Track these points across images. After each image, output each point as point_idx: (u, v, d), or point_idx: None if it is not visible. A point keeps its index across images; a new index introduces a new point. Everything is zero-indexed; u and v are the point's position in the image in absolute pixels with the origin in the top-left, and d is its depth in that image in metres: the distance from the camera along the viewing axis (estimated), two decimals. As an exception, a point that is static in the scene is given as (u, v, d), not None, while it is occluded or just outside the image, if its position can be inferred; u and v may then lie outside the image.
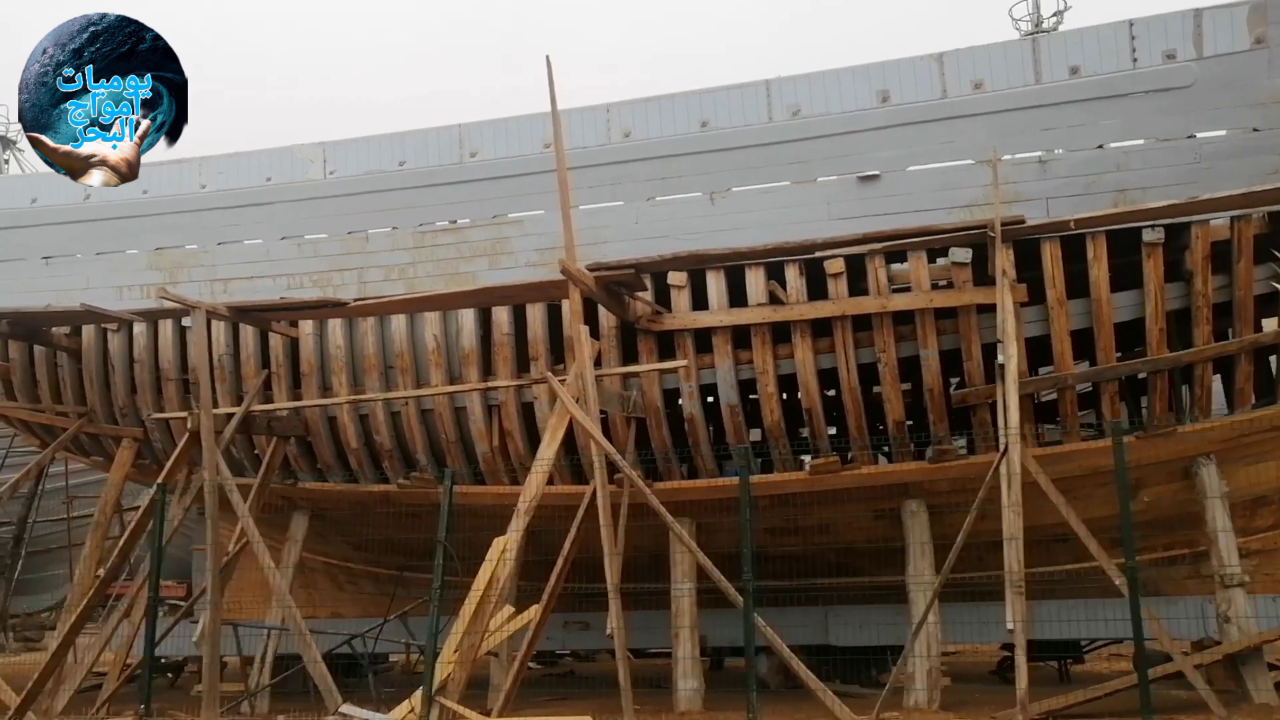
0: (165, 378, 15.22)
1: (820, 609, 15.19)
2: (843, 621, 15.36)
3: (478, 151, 14.22)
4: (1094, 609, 13.76)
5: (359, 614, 17.41)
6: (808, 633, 15.38)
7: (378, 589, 17.88)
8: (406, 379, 14.18)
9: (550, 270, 13.59)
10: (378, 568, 17.24)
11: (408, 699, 11.75)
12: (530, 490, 12.01)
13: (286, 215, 14.88)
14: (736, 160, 13.14)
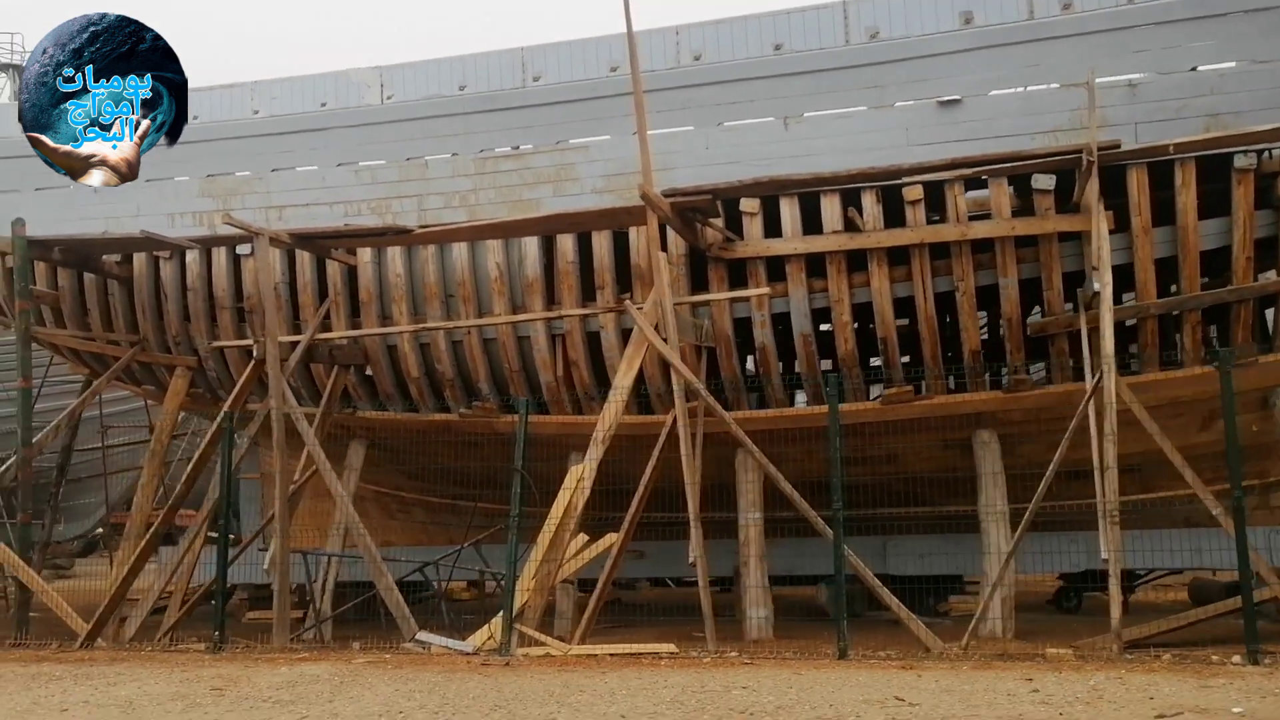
0: (220, 306, 15.03)
1: (879, 539, 15.19)
2: (901, 551, 15.37)
3: (541, 75, 13.90)
4: (1156, 540, 13.74)
5: (409, 542, 17.42)
6: (866, 562, 15.39)
7: (430, 517, 17.88)
8: (468, 308, 13.99)
9: (617, 197, 13.37)
10: (430, 496, 17.21)
11: (486, 625, 11.74)
12: (607, 419, 11.89)
13: (343, 141, 14.58)
14: (811, 84, 12.83)
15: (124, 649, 12.54)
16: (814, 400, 13.42)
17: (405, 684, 9.51)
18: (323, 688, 9.44)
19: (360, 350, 14.49)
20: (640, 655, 10.82)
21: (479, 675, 9.95)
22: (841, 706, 7.98)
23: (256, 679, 9.97)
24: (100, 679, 10.21)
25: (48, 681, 10.20)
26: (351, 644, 12.13)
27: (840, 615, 10.73)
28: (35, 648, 12.89)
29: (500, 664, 10.62)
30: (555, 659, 10.77)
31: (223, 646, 12.00)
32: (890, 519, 14.56)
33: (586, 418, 13.92)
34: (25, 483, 13.76)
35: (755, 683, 9.12)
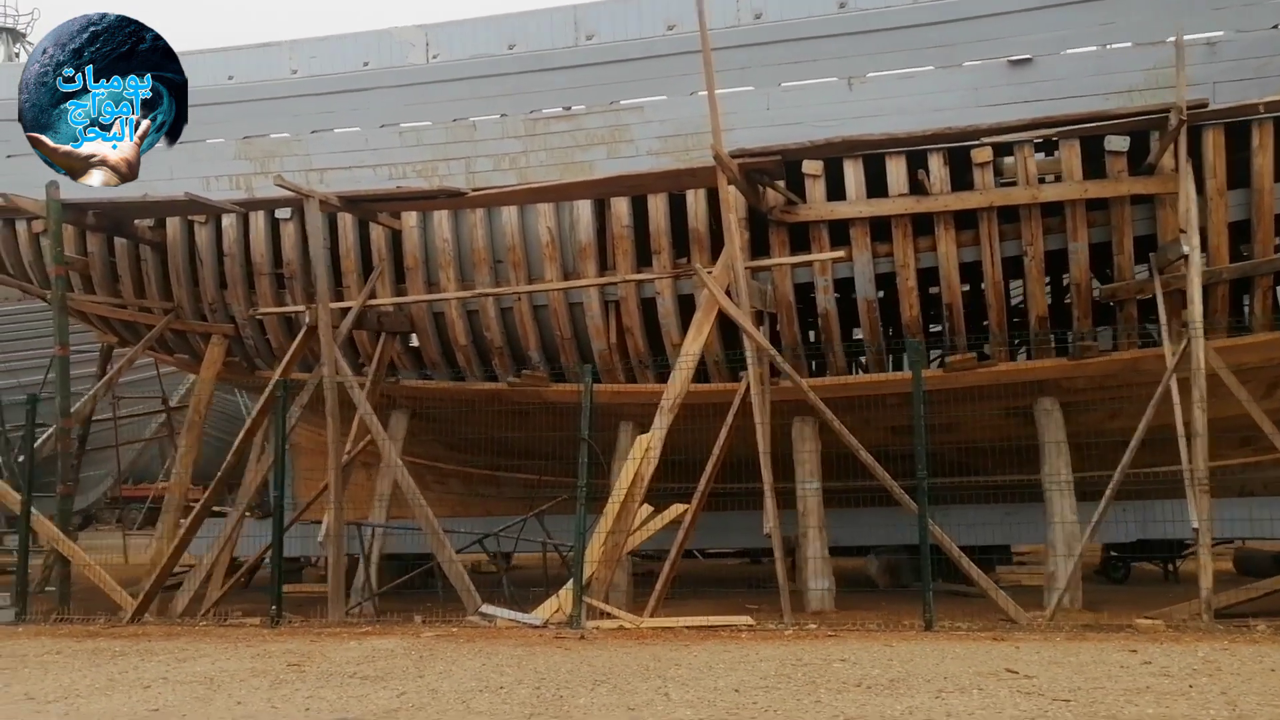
0: (258, 272, 14.66)
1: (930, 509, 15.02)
2: (951, 521, 15.15)
3: (594, 34, 13.51)
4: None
5: (445, 514, 17.11)
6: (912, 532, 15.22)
7: (466, 488, 17.61)
8: (518, 273, 13.66)
9: (674, 159, 13.05)
10: (469, 467, 16.92)
11: (553, 597, 11.51)
12: (674, 387, 11.63)
13: (386, 102, 14.17)
14: (876, 43, 12.50)
15: (176, 624, 12.27)
16: (874, 367, 13.19)
17: (488, 658, 9.28)
18: (404, 662, 9.20)
19: (406, 317, 14.15)
20: (717, 628, 10.61)
21: (559, 649, 9.73)
22: (957, 679, 7.79)
23: (330, 654, 9.72)
24: (166, 655, 9.93)
25: (112, 657, 9.93)
26: (414, 618, 11.88)
27: (927, 586, 10.58)
28: (81, 622, 12.61)
29: (574, 637, 10.40)
30: (629, 632, 10.55)
31: (279, 621, 11.73)
32: (949, 489, 14.40)
33: (640, 386, 13.68)
34: (64, 454, 13.39)
35: (851, 655, 8.93)
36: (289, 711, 7.37)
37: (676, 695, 7.50)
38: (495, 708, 7.32)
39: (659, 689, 7.73)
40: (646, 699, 7.40)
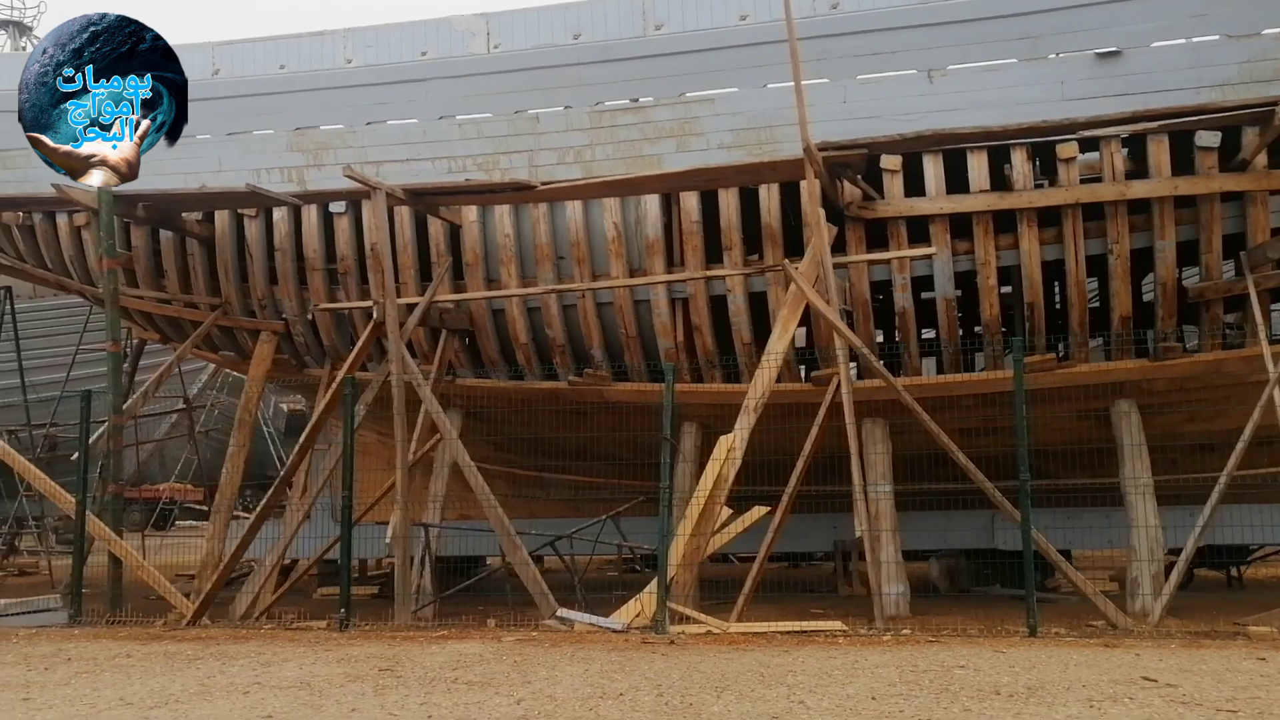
0: (310, 267, 14.30)
1: (986, 513, 14.72)
2: (1010, 526, 14.94)
3: (663, 24, 13.20)
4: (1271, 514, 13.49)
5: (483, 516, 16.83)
6: (973, 536, 14.99)
7: (512, 490, 17.23)
8: (583, 269, 13.35)
9: (746, 153, 12.77)
10: (516, 468, 16.59)
11: (633, 601, 11.20)
12: (759, 386, 11.34)
13: (445, 93, 13.83)
14: (958, 35, 12.22)
15: (239, 627, 11.90)
16: (950, 368, 12.92)
17: (586, 663, 8.96)
18: (499, 667, 8.87)
19: (465, 314, 13.81)
20: (812, 633, 10.31)
21: (655, 654, 9.42)
22: (1097, 687, 7.50)
23: (416, 659, 9.39)
24: (244, 659, 9.58)
25: (189, 661, 9.57)
26: (487, 621, 11.55)
27: (1030, 593, 10.27)
28: (136, 624, 12.25)
29: (664, 642, 10.08)
30: (720, 637, 10.24)
31: (348, 625, 11.38)
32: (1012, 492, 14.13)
33: (706, 386, 13.38)
34: (116, 452, 13.01)
35: (966, 661, 8.64)
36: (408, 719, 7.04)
37: (813, 703, 7.20)
38: (625, 715, 7.01)
39: (789, 696, 7.42)
40: (784, 707, 7.09)
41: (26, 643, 11.05)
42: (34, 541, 23.03)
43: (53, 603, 12.87)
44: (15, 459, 13.57)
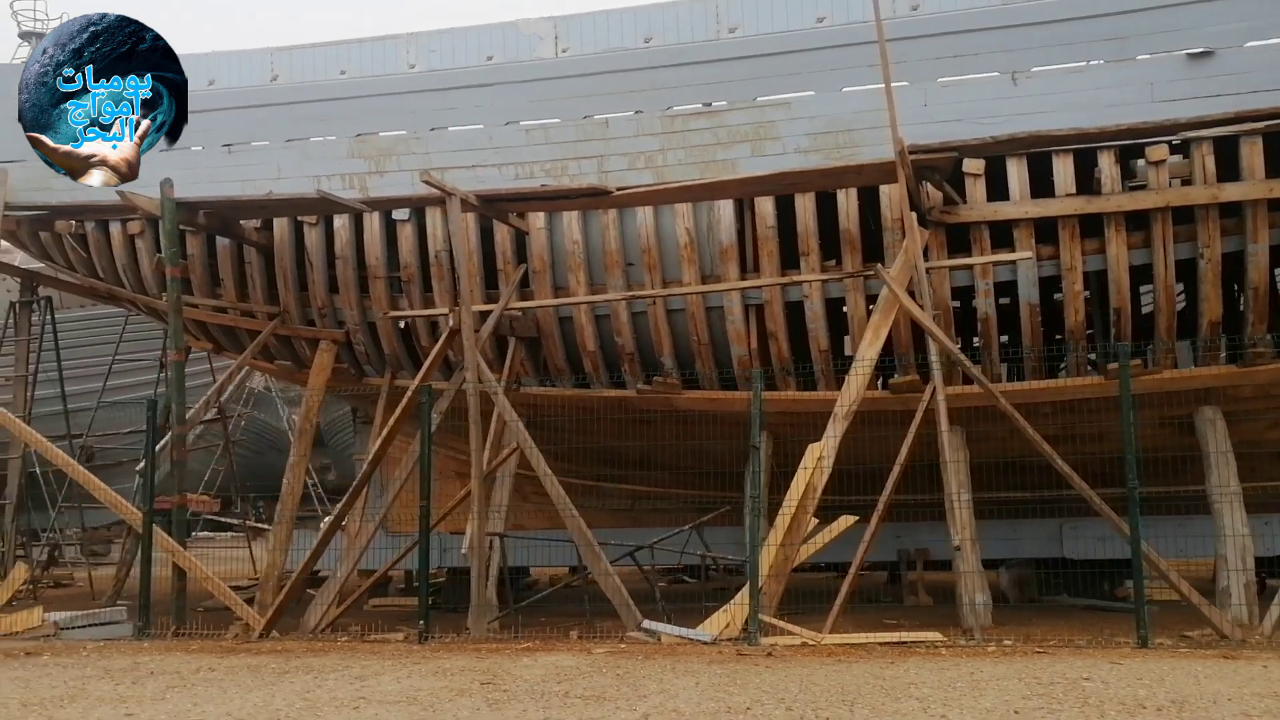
0: (372, 275, 14.09)
1: (1054, 521, 14.56)
2: (1079, 535, 14.74)
3: (737, 27, 13.02)
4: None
5: (543, 525, 16.57)
6: (1041, 545, 14.74)
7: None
8: (653, 276, 13.14)
9: (823, 157, 12.58)
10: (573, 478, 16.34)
11: (721, 612, 10.95)
12: (849, 393, 11.09)
13: (512, 97, 13.65)
14: (1042, 36, 12.03)
15: (315, 640, 11.64)
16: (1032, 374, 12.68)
17: (694, 676, 8.71)
18: (604, 680, 8.62)
19: (532, 322, 13.60)
20: (911, 644, 10.06)
21: (759, 666, 9.16)
22: (1245, 701, 7.25)
23: (514, 671, 9.13)
24: (335, 673, 9.33)
25: (279, 676, 9.32)
26: (571, 634, 11.30)
27: (1140, 602, 9.98)
28: (206, 637, 12.00)
29: (760, 654, 9.82)
30: (817, 649, 9.98)
31: (428, 637, 11.13)
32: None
33: (779, 394, 13.15)
34: (180, 462, 12.77)
35: (1090, 674, 8.38)
36: (542, 735, 6.80)
37: (955, 717, 6.94)
38: (764, 730, 6.76)
39: (925, 710, 7.17)
40: (927, 721, 6.84)
41: (99, 656, 10.80)
42: (73, 553, 22.74)
43: (116, 615, 12.63)
44: (77, 469, 13.35)
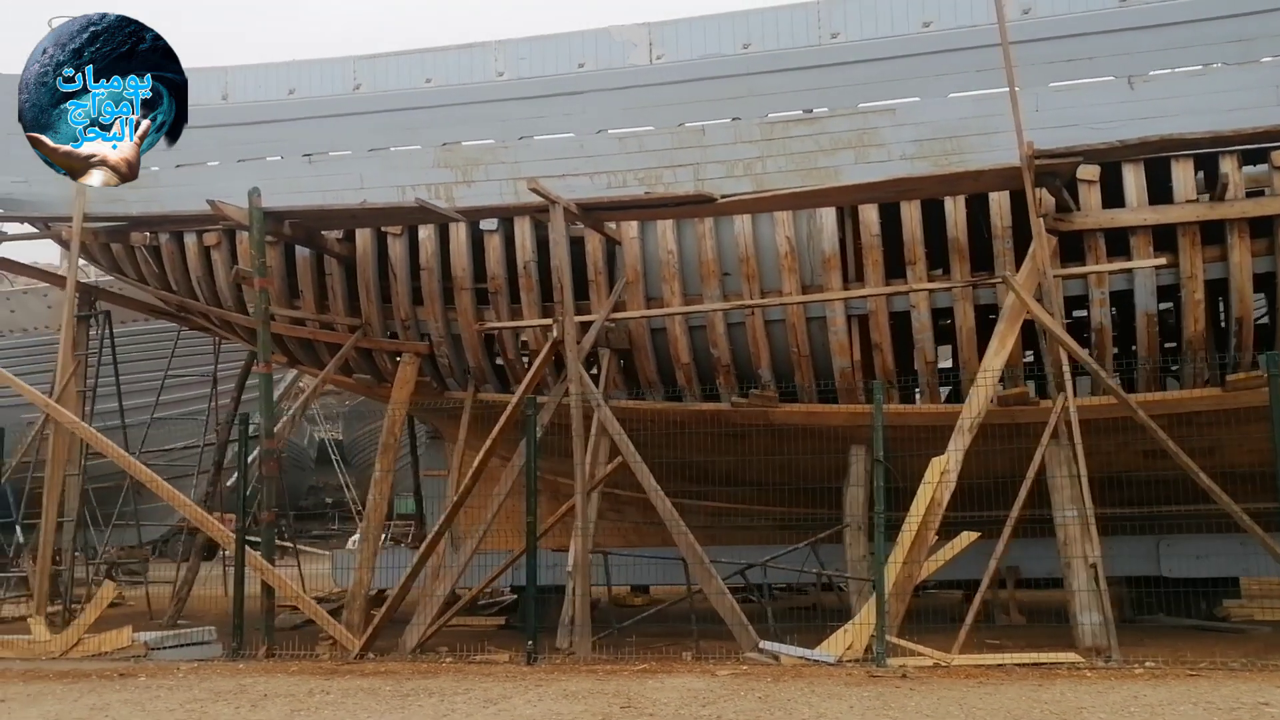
0: (458, 286, 13.79)
1: (1151, 538, 14.18)
2: (1176, 552, 14.37)
3: (839, 32, 12.74)
4: None
5: (618, 543, 16.22)
6: (1136, 563, 14.34)
7: (645, 517, 16.59)
8: (751, 285, 12.83)
9: (930, 164, 12.30)
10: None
11: (841, 632, 10.58)
12: (974, 405, 10.77)
13: (604, 105, 13.38)
14: (1161, 39, 11.73)
15: (419, 662, 11.29)
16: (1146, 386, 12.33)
17: (838, 699, 8.38)
18: (747, 703, 8.29)
19: (625, 333, 13.29)
20: (1050, 666, 9.69)
21: (901, 689, 8.81)
22: None
23: (648, 694, 8.80)
24: (462, 696, 9.00)
25: (402, 699, 8.99)
26: (684, 655, 10.94)
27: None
28: (303, 658, 11.67)
29: (894, 675, 9.46)
30: (953, 670, 9.62)
31: (536, 658, 10.78)
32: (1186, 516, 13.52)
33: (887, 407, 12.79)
34: (269, 478, 12.46)
35: (1268, 698, 8.01)
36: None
37: (1155, 743, 6.58)
38: (956, 758, 6.39)
39: (1119, 735, 6.81)
40: (1130, 748, 6.48)
41: (198, 677, 10.47)
42: (128, 570, 22.45)
43: (206, 635, 12.31)
44: (162, 486, 13.05)
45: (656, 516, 16.42)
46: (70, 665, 11.61)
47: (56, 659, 12.03)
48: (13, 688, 10.26)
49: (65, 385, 13.82)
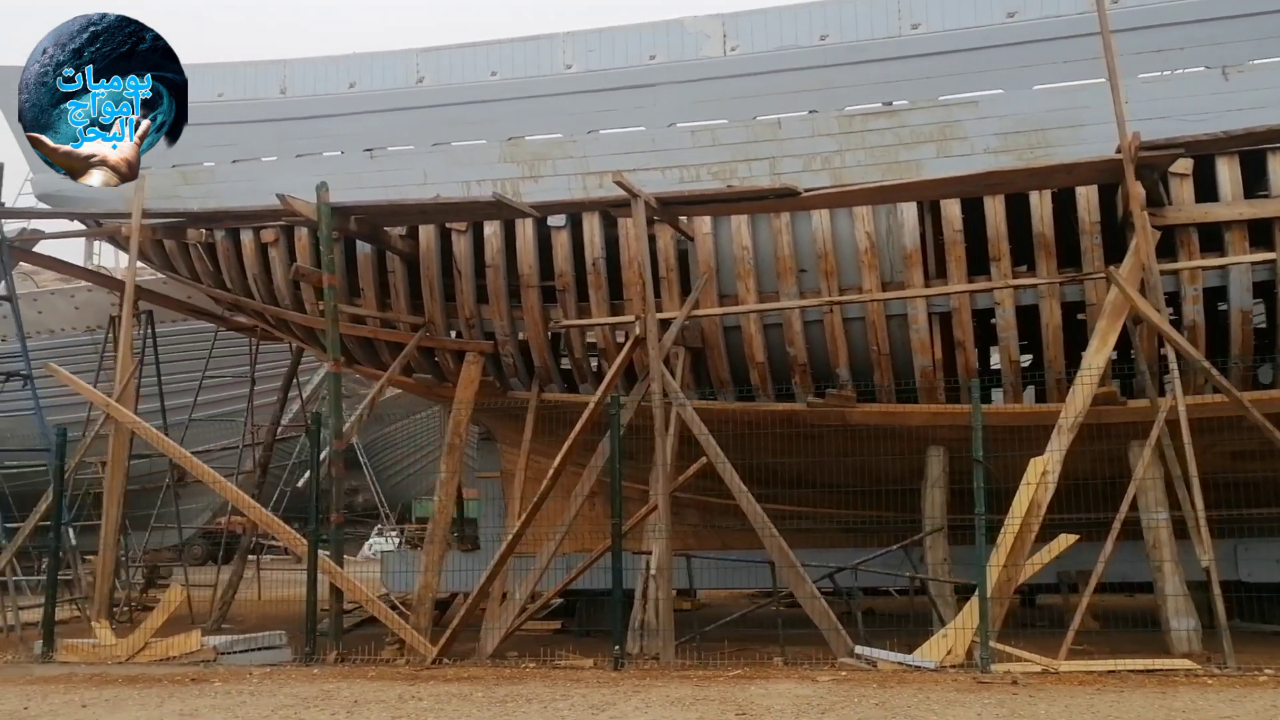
0: (525, 284, 13.52)
1: (1229, 542, 13.82)
2: (1256, 556, 14.04)
3: (920, 23, 12.46)
4: None
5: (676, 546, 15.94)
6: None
7: (702, 520, 16.34)
8: (830, 282, 12.54)
9: (1014, 157, 12.01)
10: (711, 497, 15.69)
11: (939, 637, 10.30)
12: (1075, 404, 10.48)
13: (676, 98, 13.11)
14: (1258, 28, 11.45)
15: (501, 666, 11.00)
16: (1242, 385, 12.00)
17: (960, 706, 8.12)
18: (866, 710, 8.02)
19: (698, 332, 13.01)
20: (1165, 673, 9.40)
21: (1018, 695, 8.54)
22: None
23: (757, 701, 8.53)
24: (566, 702, 8.74)
25: (499, 704, 8.73)
26: (775, 660, 10.66)
27: None
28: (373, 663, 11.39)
29: (1004, 681, 9.18)
30: (1066, 677, 9.34)
31: (623, 663, 10.50)
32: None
33: (962, 407, 12.52)
34: (337, 479, 12.19)
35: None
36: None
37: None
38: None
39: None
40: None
41: (273, 683, 10.20)
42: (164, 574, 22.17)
43: (275, 639, 12.04)
44: (227, 488, 12.78)
45: (716, 519, 16.18)
46: (138, 670, 11.34)
47: (123, 663, 11.76)
48: (88, 693, 10.00)
49: (125, 385, 13.52)
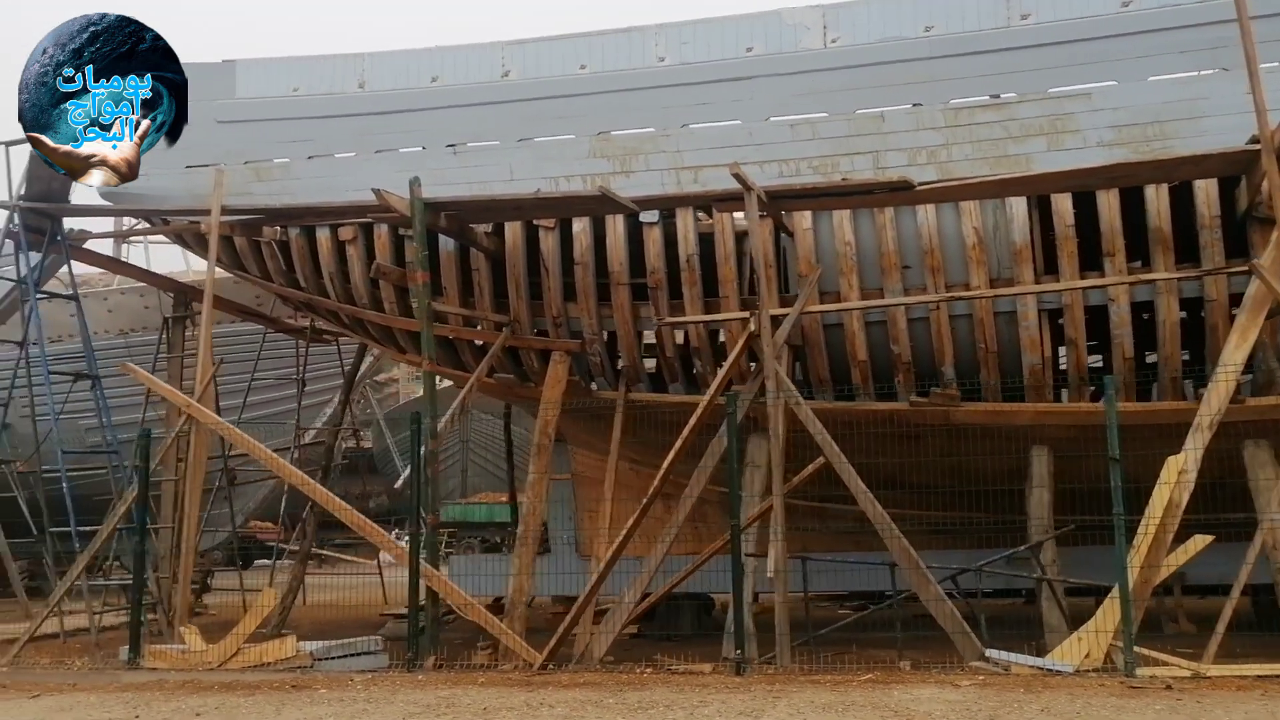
0: (615, 282, 13.23)
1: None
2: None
3: (1030, 14, 12.19)
4: None
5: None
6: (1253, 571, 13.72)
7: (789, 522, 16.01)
8: (936, 279, 12.26)
9: (1129, 150, 11.76)
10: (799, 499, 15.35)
11: (1073, 639, 9.99)
12: (1214, 401, 10.17)
13: (774, 91, 12.84)
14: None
15: (619, 673, 10.68)
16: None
17: (1122, 713, 7.90)
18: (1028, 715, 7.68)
19: (798, 329, 12.71)
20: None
21: (1182, 700, 8.22)
22: None
23: (907, 706, 8.25)
24: (711, 708, 8.47)
25: (639, 711, 8.46)
26: (905, 666, 10.35)
27: None
28: (470, 668, 11.09)
29: (1158, 687, 8.86)
30: (1224, 682, 9.02)
31: (745, 668, 10.19)
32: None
33: (1069, 406, 12.26)
34: (434, 479, 11.89)
35: None
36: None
37: None
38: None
39: None
40: None
41: (380, 690, 9.88)
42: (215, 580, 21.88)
43: (372, 644, 11.74)
44: (317, 491, 12.48)
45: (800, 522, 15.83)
46: (231, 676, 11.05)
47: (214, 670, 11.46)
48: (192, 700, 9.70)
49: (205, 386, 13.22)
